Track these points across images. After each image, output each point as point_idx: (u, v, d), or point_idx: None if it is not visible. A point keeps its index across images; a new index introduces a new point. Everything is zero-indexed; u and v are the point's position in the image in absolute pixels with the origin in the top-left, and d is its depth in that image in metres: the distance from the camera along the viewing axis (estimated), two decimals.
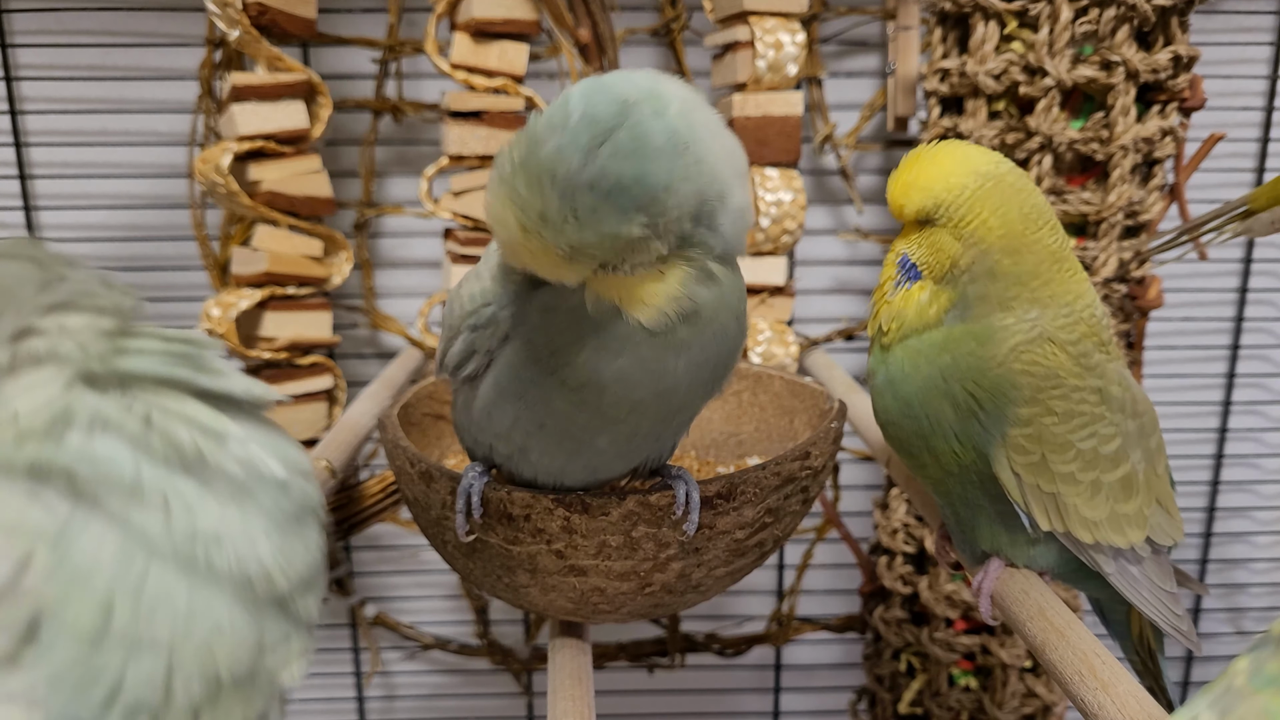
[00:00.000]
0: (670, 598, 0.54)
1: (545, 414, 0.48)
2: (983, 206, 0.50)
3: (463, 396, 0.52)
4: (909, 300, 0.52)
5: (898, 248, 0.54)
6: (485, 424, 0.51)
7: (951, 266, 0.51)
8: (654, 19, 0.96)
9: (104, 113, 0.95)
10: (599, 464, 0.50)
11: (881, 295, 0.54)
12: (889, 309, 0.53)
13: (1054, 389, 0.50)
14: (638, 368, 0.44)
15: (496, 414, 0.50)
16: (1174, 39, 0.75)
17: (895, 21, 0.91)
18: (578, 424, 0.47)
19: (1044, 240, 0.50)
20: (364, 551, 1.08)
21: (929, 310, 0.52)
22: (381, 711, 1.14)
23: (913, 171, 0.52)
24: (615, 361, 0.44)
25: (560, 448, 0.49)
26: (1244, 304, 1.05)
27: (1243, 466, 1.11)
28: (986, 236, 0.50)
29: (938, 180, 0.51)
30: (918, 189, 0.51)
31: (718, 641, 1.09)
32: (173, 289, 0.99)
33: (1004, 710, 0.91)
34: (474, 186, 0.88)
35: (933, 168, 0.51)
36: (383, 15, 0.94)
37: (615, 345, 0.44)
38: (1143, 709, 0.42)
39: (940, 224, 0.51)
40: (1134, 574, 0.54)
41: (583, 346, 0.44)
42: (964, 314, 0.51)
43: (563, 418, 0.48)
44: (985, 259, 0.50)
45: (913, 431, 0.53)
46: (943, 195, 0.50)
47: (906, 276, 0.53)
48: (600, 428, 0.47)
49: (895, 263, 0.54)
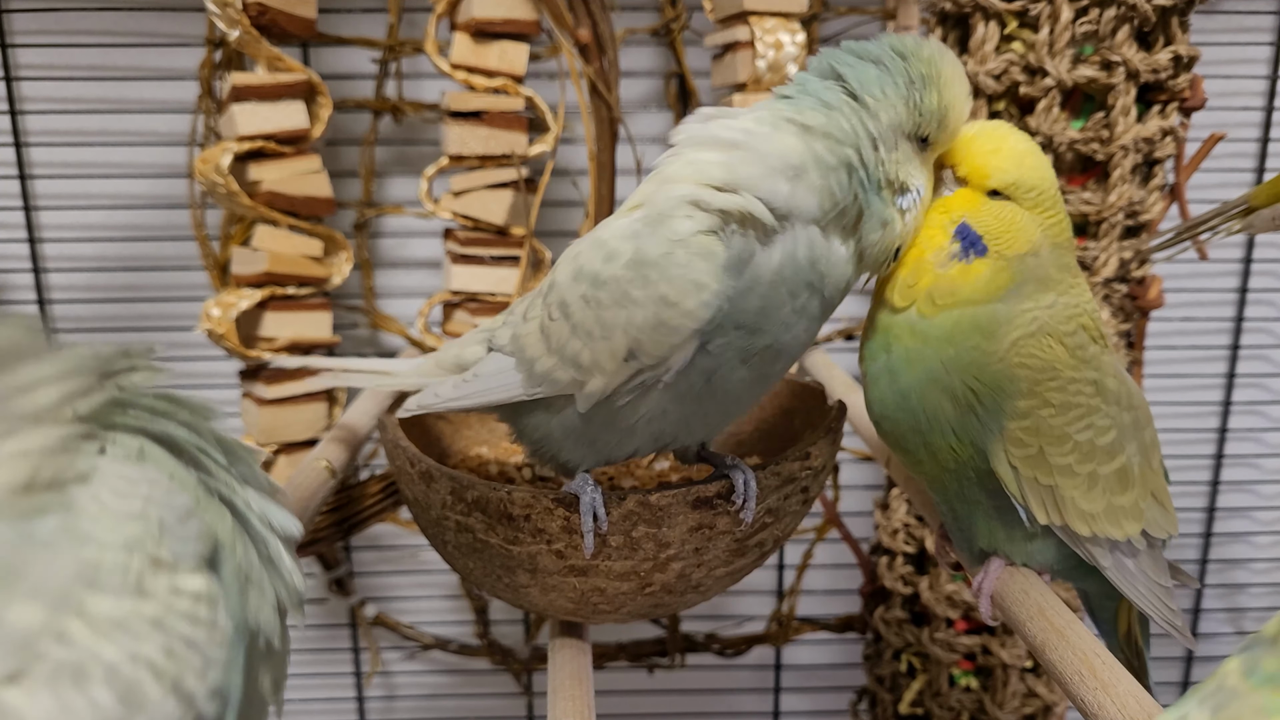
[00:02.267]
0: (670, 598, 0.54)
1: (715, 400, 0.50)
2: (1059, 204, 0.51)
3: (598, 413, 0.51)
4: (969, 275, 0.50)
5: (951, 212, 0.51)
6: (641, 428, 0.51)
7: (1030, 248, 0.50)
8: (654, 19, 0.96)
9: (104, 113, 0.95)
10: (709, 429, 0.54)
11: (925, 264, 0.50)
12: (941, 280, 0.50)
13: (1051, 381, 0.50)
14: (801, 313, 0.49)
15: (661, 419, 0.51)
16: (1174, 39, 0.75)
17: (895, 21, 0.91)
18: (741, 395, 0.52)
19: (1073, 242, 0.53)
20: (364, 551, 1.08)
21: (990, 287, 0.50)
22: (381, 711, 1.13)
23: (1002, 140, 0.51)
24: (799, 323, 0.49)
25: (698, 424, 0.53)
26: (1244, 304, 1.05)
27: (1243, 466, 1.11)
28: (1059, 233, 0.51)
29: (1033, 160, 0.50)
30: (1014, 161, 0.50)
31: (718, 641, 1.09)
32: (173, 289, 0.99)
33: (1004, 710, 0.91)
34: (474, 186, 0.88)
35: (1023, 144, 0.51)
36: (383, 15, 0.94)
37: (807, 305, 0.49)
38: (1142, 709, 0.42)
39: (1024, 205, 0.50)
40: (1130, 568, 0.54)
41: (794, 317, 0.48)
42: (1019, 291, 0.50)
43: (731, 398, 0.51)
44: (1054, 249, 0.51)
45: (909, 427, 0.53)
46: (1038, 178, 0.50)
47: (969, 248, 0.50)
48: (763, 388, 0.53)
49: (950, 230, 0.50)
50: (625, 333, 0.47)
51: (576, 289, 0.49)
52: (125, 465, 0.33)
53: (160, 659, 0.30)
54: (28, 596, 0.28)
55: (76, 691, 0.28)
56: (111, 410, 0.35)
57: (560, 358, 0.50)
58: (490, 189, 0.88)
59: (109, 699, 0.28)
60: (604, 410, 0.50)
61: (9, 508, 0.29)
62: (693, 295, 0.45)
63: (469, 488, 0.51)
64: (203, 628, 0.31)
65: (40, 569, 0.29)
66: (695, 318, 0.46)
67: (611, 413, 0.50)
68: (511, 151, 0.87)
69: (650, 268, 0.46)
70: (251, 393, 0.89)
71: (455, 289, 0.90)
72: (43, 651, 0.28)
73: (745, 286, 0.46)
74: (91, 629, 0.29)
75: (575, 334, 0.49)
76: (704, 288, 0.45)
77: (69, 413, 0.32)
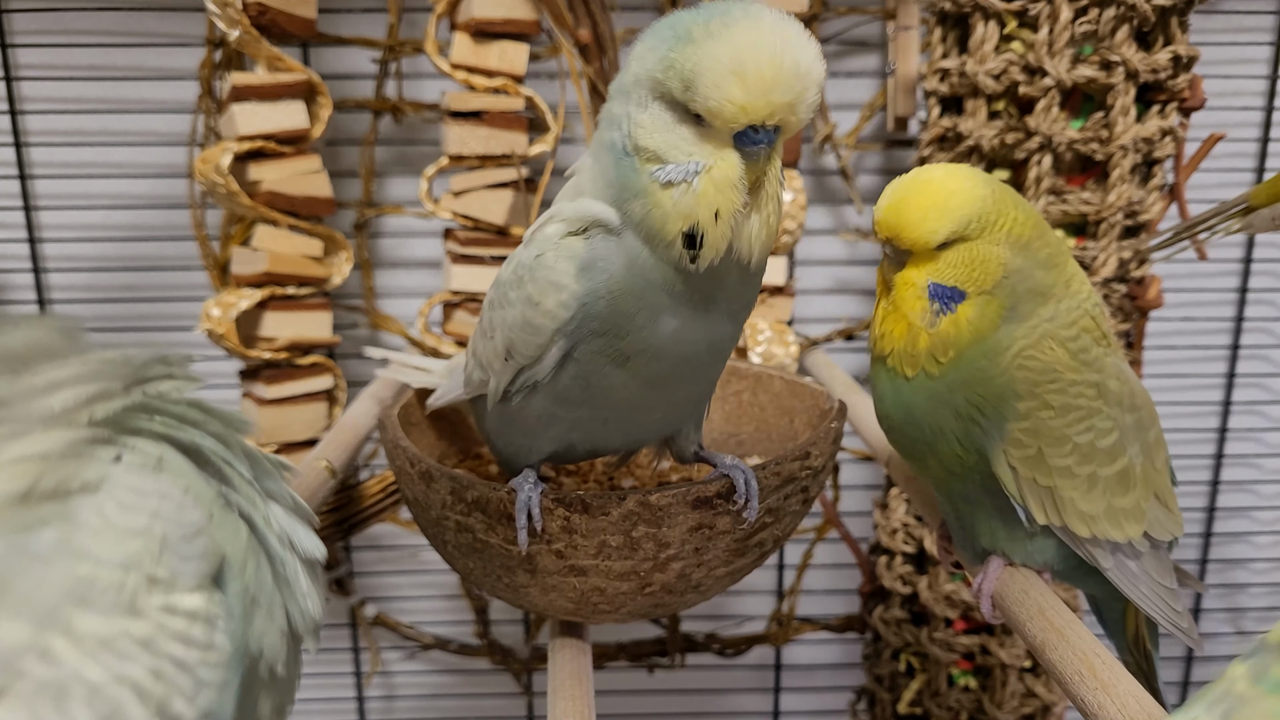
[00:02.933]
0: (670, 598, 0.54)
1: (607, 406, 0.50)
2: (1007, 205, 0.50)
3: (504, 411, 0.53)
4: (960, 323, 0.50)
5: (915, 281, 0.51)
6: (540, 431, 0.52)
7: (1004, 272, 0.49)
8: (654, 19, 0.96)
9: (104, 113, 0.95)
10: (644, 432, 0.55)
11: (913, 329, 0.51)
12: (935, 338, 0.50)
13: (1051, 384, 0.50)
14: (693, 328, 0.47)
15: (554, 421, 0.51)
16: (1174, 39, 0.75)
17: (895, 21, 0.91)
18: (637, 403, 0.51)
19: (1047, 225, 0.52)
20: (364, 551, 1.08)
21: (982, 322, 0.50)
22: (381, 711, 1.13)
23: (924, 200, 0.49)
24: (676, 325, 0.47)
25: (615, 428, 0.53)
26: (1244, 304, 1.05)
27: (1243, 466, 1.11)
28: (1024, 231, 0.50)
29: (954, 199, 0.49)
30: (944, 212, 0.49)
31: (718, 641, 1.09)
32: (173, 289, 0.99)
33: (1003, 710, 0.91)
34: (474, 186, 0.88)
35: (937, 191, 0.49)
36: (383, 15, 0.94)
37: (677, 308, 0.46)
38: (1143, 709, 0.42)
39: (973, 238, 0.49)
40: (1132, 569, 0.54)
41: (656, 320, 0.46)
42: (1014, 313, 0.50)
43: (623, 403, 0.50)
44: (1028, 251, 0.50)
45: (915, 438, 0.53)
46: (970, 209, 0.49)
47: (947, 301, 0.50)
48: (657, 398, 0.51)
49: (921, 295, 0.51)
50: (502, 332, 0.50)
51: (490, 294, 0.53)
52: (138, 475, 0.32)
53: (146, 681, 0.29)
54: (13, 612, 0.28)
55: (55, 712, 0.27)
56: (135, 416, 0.34)
57: (475, 358, 0.54)
58: (490, 189, 0.88)
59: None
60: (505, 411, 0.53)
61: (6, 520, 0.29)
62: (552, 295, 0.46)
63: (469, 488, 0.51)
64: (196, 649, 0.31)
65: (30, 584, 0.28)
66: (555, 317, 0.47)
67: (510, 413, 0.53)
68: (511, 151, 0.87)
69: (525, 270, 0.48)
70: (251, 393, 0.89)
71: (455, 289, 0.90)
72: (24, 669, 0.27)
73: (600, 287, 0.46)
74: (77, 648, 0.28)
75: (482, 335, 0.53)
76: (563, 288, 0.46)
77: (85, 417, 0.32)
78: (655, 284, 0.45)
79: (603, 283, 0.46)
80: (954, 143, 0.80)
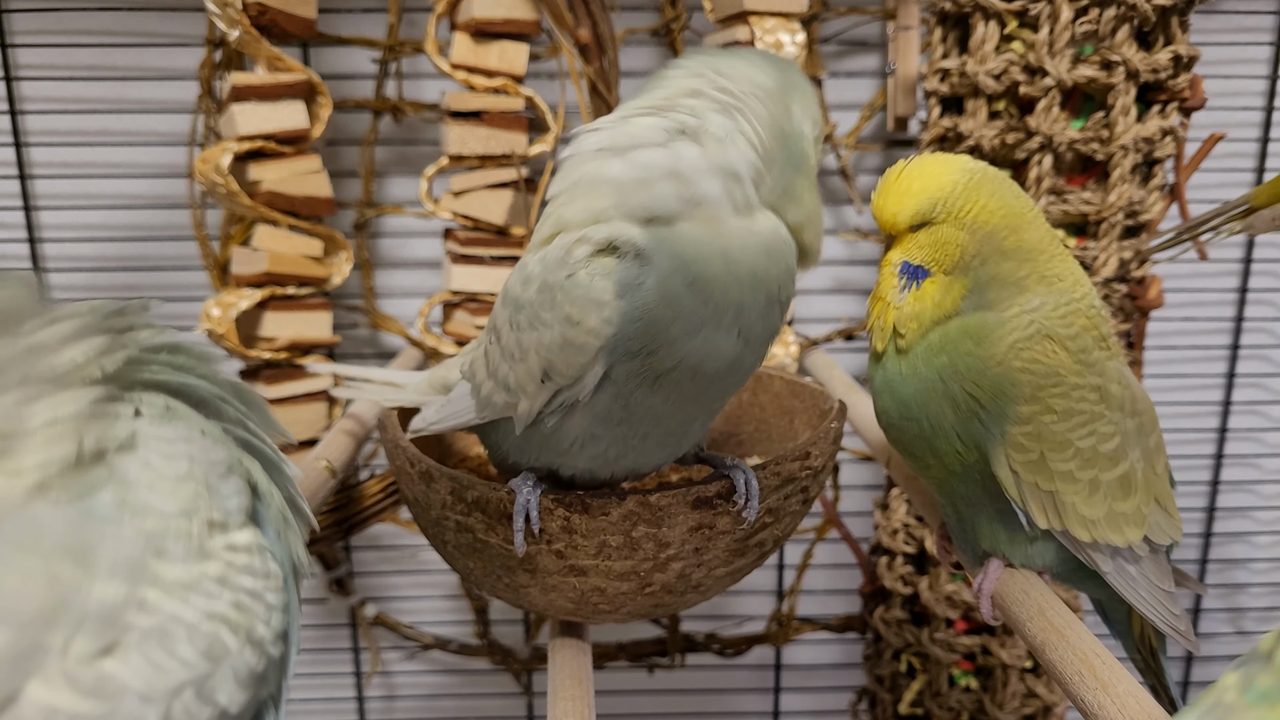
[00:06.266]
0: (670, 598, 0.54)
1: (647, 422, 0.50)
2: (978, 194, 0.51)
3: (535, 434, 0.52)
4: (922, 297, 0.52)
5: (892, 260, 0.54)
6: (577, 450, 0.52)
7: (961, 255, 0.51)
8: (654, 19, 0.96)
9: (104, 113, 0.95)
10: (679, 448, 0.55)
11: (885, 305, 0.54)
12: (902, 313, 0.53)
13: (1054, 387, 0.50)
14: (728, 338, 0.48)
15: (593, 440, 0.51)
16: (1174, 39, 0.75)
17: (895, 21, 0.91)
18: (676, 418, 0.51)
19: (1039, 220, 0.52)
20: (364, 551, 1.08)
21: (945, 300, 0.51)
22: (381, 711, 1.13)
23: (900, 183, 0.52)
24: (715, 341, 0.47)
25: (655, 444, 0.52)
26: (1244, 304, 1.05)
27: (1243, 466, 1.11)
28: (989, 220, 0.51)
29: (929, 182, 0.51)
30: (911, 195, 0.52)
31: (718, 641, 1.09)
32: (173, 289, 0.98)
33: (1004, 711, 0.91)
34: (474, 186, 0.88)
35: (919, 175, 0.52)
36: (383, 15, 0.94)
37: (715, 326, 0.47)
38: (1142, 709, 0.42)
39: (939, 221, 0.51)
40: (1131, 573, 0.54)
41: (692, 337, 0.47)
42: (980, 299, 0.51)
43: (663, 418, 0.50)
44: (993, 240, 0.51)
45: (914, 434, 0.53)
46: (937, 193, 0.51)
47: (912, 279, 0.53)
48: (693, 413, 0.51)
49: (894, 273, 0.53)
50: (538, 354, 0.49)
51: (504, 314, 0.51)
52: (161, 426, 0.34)
53: (232, 613, 0.32)
54: (107, 574, 0.29)
55: (165, 653, 0.30)
56: (134, 368, 0.34)
57: (495, 381, 0.53)
58: (490, 189, 0.88)
59: (195, 655, 0.31)
60: (538, 433, 0.52)
61: (65, 488, 0.30)
62: (594, 313, 0.46)
63: (469, 488, 0.51)
64: (260, 578, 0.34)
65: (110, 546, 0.30)
66: (598, 334, 0.46)
67: (544, 436, 0.52)
68: (511, 151, 0.87)
69: (556, 289, 0.47)
70: None
71: (455, 289, 0.90)
72: (130, 622, 0.29)
73: (637, 305, 0.46)
74: (168, 595, 0.31)
75: (504, 357, 0.51)
76: (605, 304, 0.46)
77: (95, 373, 0.32)
78: (685, 302, 0.47)
79: (639, 301, 0.46)
80: (954, 143, 0.80)
